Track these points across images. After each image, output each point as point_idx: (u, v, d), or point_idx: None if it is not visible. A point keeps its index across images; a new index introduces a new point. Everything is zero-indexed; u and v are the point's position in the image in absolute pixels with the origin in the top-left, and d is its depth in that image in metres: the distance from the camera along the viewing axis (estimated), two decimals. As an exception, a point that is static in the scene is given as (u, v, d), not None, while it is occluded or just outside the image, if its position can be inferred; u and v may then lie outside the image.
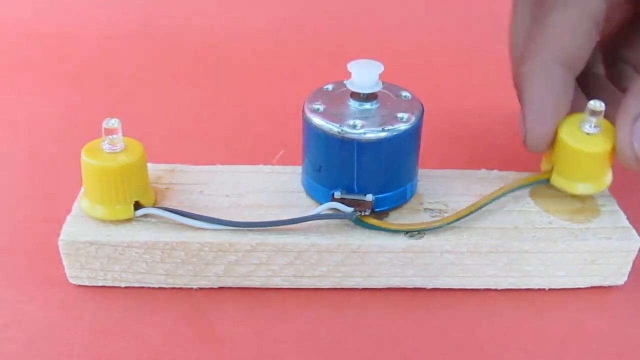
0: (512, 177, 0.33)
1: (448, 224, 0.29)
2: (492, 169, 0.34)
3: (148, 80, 0.48)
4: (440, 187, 0.33)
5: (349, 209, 0.29)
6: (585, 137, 0.30)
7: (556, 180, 0.31)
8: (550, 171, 0.31)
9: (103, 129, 0.28)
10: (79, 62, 0.50)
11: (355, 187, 0.29)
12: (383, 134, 0.28)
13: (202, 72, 0.50)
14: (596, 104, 0.30)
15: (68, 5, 0.56)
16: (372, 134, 0.28)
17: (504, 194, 0.31)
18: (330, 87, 0.31)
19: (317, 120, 0.29)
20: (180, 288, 0.30)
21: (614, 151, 0.30)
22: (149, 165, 0.33)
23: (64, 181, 0.32)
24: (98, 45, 0.53)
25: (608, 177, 0.31)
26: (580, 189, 0.31)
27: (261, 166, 0.33)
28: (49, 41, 0.53)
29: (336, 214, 0.29)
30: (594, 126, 0.30)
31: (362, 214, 0.29)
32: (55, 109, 0.44)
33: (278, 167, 0.33)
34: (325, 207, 0.29)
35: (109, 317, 0.29)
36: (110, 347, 0.28)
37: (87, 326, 0.29)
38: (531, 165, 0.33)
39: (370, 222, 0.29)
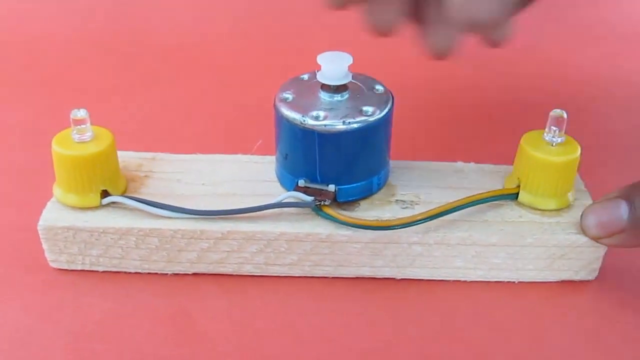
0: (487, 169, 0.34)
1: (402, 225, 0.29)
2: (469, 162, 0.34)
3: (120, 82, 0.49)
4: (414, 179, 0.33)
5: (309, 198, 0.29)
6: (551, 148, 0.30)
7: (524, 197, 0.31)
8: (516, 188, 0.31)
9: (71, 120, 0.29)
10: (48, 68, 0.50)
11: (318, 177, 0.30)
12: (343, 127, 0.28)
13: (176, 71, 0.50)
14: (559, 112, 0.30)
15: (32, 11, 0.56)
16: (332, 125, 0.28)
17: (466, 206, 0.30)
18: (306, 76, 0.32)
19: (283, 109, 0.29)
20: (156, 273, 0.31)
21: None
22: (131, 153, 0.34)
23: (41, 175, 0.33)
24: (65, 51, 0.53)
25: (572, 189, 0.31)
26: (550, 203, 0.31)
27: (239, 155, 0.34)
28: (15, 48, 0.52)
29: (296, 203, 0.29)
30: (559, 136, 0.30)
31: (322, 203, 0.29)
32: (24, 115, 0.44)
33: (255, 157, 0.34)
34: (286, 196, 0.30)
35: (86, 300, 0.30)
36: (87, 330, 0.29)
37: (65, 309, 0.30)
38: (509, 158, 0.33)
39: (328, 212, 0.29)
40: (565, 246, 0.30)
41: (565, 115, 0.30)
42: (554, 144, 0.30)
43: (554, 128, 0.30)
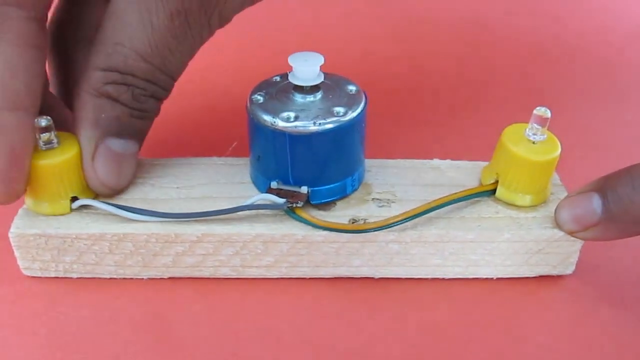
0: (463, 166, 0.34)
1: (377, 229, 0.29)
2: (445, 159, 0.34)
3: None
4: (390, 177, 0.33)
5: (281, 200, 0.29)
6: (532, 146, 0.30)
7: (502, 193, 0.31)
8: (494, 184, 0.31)
9: (36, 128, 0.28)
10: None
11: (291, 179, 0.29)
12: (314, 128, 0.28)
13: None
14: (543, 111, 0.30)
15: None
16: (303, 127, 0.28)
17: (442, 206, 0.30)
18: (278, 78, 0.31)
19: (254, 111, 0.29)
20: (131, 279, 0.31)
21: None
22: (104, 158, 0.33)
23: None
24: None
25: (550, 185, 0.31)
26: (528, 200, 0.31)
27: (214, 158, 0.34)
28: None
29: (268, 205, 0.29)
30: (541, 134, 0.30)
31: (294, 205, 0.29)
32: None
33: (230, 159, 0.34)
34: (258, 198, 0.29)
35: (61, 308, 0.30)
36: (63, 338, 0.28)
37: (39, 317, 0.29)
38: (485, 154, 0.33)
39: (301, 215, 0.29)
40: (542, 241, 0.30)
41: (548, 114, 0.29)
42: (535, 142, 0.30)
43: (537, 126, 0.30)
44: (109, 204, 0.30)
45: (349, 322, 0.29)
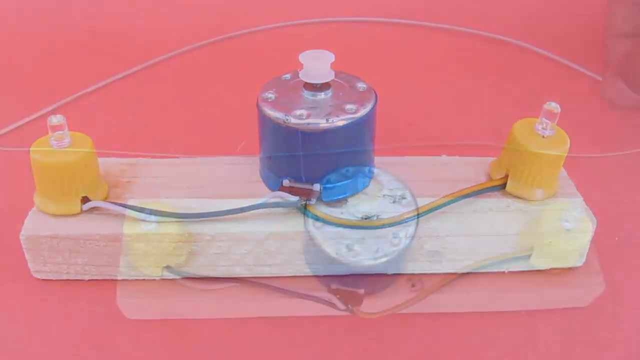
0: (471, 161, 0.34)
1: (391, 225, 0.29)
2: (454, 155, 0.34)
3: (98, 85, 0.48)
4: (401, 174, 0.33)
5: (294, 198, 0.29)
6: (542, 140, 0.30)
7: (512, 187, 0.31)
8: (504, 178, 0.31)
9: (48, 126, 0.28)
10: (27, 68, 0.50)
11: (303, 176, 0.30)
12: (326, 125, 0.28)
13: (155, 73, 0.50)
14: (553, 106, 0.30)
15: (6, 11, 0.55)
16: (315, 124, 0.28)
17: (453, 201, 0.30)
18: (288, 76, 0.31)
19: (266, 109, 0.29)
20: (144, 279, 0.31)
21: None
22: (112, 159, 0.33)
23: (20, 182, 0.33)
24: (44, 51, 0.52)
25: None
26: (538, 194, 0.31)
27: (222, 157, 0.34)
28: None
29: (281, 203, 0.29)
30: (550, 128, 0.30)
31: (308, 202, 0.29)
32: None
33: (239, 158, 0.34)
34: (271, 196, 0.29)
35: (74, 310, 0.29)
36: (74, 340, 0.28)
37: (51, 320, 0.29)
38: (492, 150, 0.34)
39: (314, 212, 0.29)
40: (552, 233, 0.30)
41: (558, 109, 0.30)
42: (545, 136, 0.30)
43: (546, 121, 0.30)
44: (120, 204, 0.29)
45: (363, 320, 0.29)
